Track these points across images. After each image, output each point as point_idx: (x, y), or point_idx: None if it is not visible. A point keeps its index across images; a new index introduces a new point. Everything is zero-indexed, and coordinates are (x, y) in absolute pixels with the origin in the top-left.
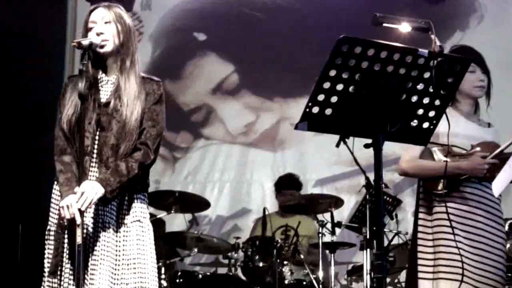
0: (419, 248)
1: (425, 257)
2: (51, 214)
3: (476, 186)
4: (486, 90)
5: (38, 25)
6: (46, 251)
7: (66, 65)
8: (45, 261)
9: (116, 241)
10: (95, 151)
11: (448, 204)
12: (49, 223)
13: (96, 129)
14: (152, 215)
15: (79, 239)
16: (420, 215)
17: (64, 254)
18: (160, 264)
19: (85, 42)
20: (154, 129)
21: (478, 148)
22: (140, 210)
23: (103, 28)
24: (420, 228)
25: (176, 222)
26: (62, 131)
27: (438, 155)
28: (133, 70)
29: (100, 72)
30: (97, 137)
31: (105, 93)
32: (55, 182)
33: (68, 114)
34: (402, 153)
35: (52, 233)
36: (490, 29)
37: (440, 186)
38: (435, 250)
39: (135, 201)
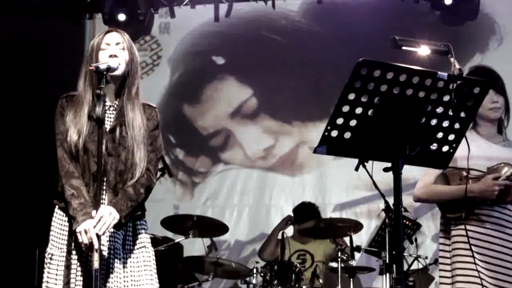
0: (440, 273)
1: (444, 281)
2: (53, 238)
3: (493, 208)
4: (504, 110)
5: (58, 46)
6: (45, 275)
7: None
8: (43, 285)
9: (124, 267)
10: (103, 176)
11: (464, 227)
12: (50, 246)
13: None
14: (170, 240)
15: (96, 264)
16: (440, 240)
17: (72, 280)
18: None
19: (103, 66)
20: (154, 154)
21: (495, 170)
22: (144, 236)
23: (117, 51)
24: (440, 253)
25: (195, 246)
26: (67, 154)
27: (454, 178)
28: (137, 99)
29: None
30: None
31: (108, 119)
32: (56, 206)
33: (73, 137)
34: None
35: (55, 257)
36: (510, 51)
37: (456, 210)
38: (453, 274)
39: (138, 227)
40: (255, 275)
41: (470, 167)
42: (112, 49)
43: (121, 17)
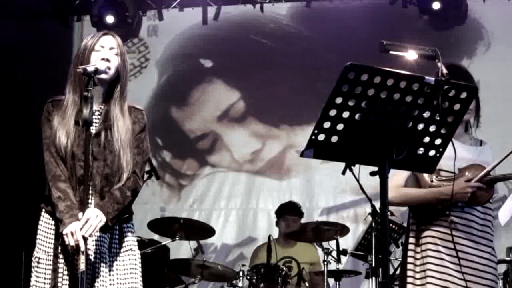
0: (408, 273)
1: (414, 282)
2: (39, 242)
3: (463, 210)
4: (474, 113)
5: (46, 48)
6: (33, 279)
7: None
8: None
9: (110, 270)
10: (90, 180)
11: (436, 229)
12: (37, 250)
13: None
14: (157, 242)
15: (82, 266)
16: (411, 240)
17: (59, 284)
18: None
19: (90, 68)
20: (140, 157)
21: (466, 172)
22: (131, 239)
23: (110, 55)
24: (409, 253)
25: (181, 249)
26: (54, 157)
27: (424, 179)
28: (125, 104)
29: None
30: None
31: (93, 123)
32: (43, 210)
33: (62, 140)
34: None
35: (42, 261)
36: (498, 57)
37: (427, 212)
38: (425, 275)
39: (125, 230)
40: (241, 278)
41: (440, 168)
42: (105, 53)
43: (110, 19)
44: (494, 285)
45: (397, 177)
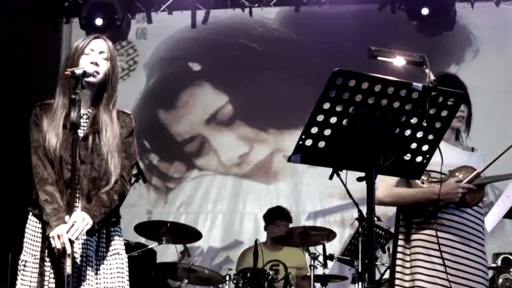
0: (397, 275)
1: (402, 284)
2: (26, 245)
3: (453, 212)
4: (466, 121)
5: (34, 50)
6: (18, 282)
7: None
8: None
9: (97, 273)
10: (77, 183)
11: (426, 232)
12: (23, 253)
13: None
14: (143, 245)
15: (69, 269)
16: (400, 242)
17: (45, 287)
18: None
19: (78, 71)
20: (127, 161)
21: (457, 174)
22: (118, 243)
23: (99, 59)
24: (399, 255)
25: (168, 253)
26: (41, 160)
27: (415, 181)
28: (114, 109)
29: None
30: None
31: (81, 127)
32: (30, 213)
33: (51, 143)
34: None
35: (29, 264)
36: (485, 63)
37: (418, 214)
38: (413, 278)
39: (112, 233)
40: (228, 282)
41: (431, 169)
42: (95, 56)
43: (98, 21)
44: (484, 282)
45: (389, 180)
